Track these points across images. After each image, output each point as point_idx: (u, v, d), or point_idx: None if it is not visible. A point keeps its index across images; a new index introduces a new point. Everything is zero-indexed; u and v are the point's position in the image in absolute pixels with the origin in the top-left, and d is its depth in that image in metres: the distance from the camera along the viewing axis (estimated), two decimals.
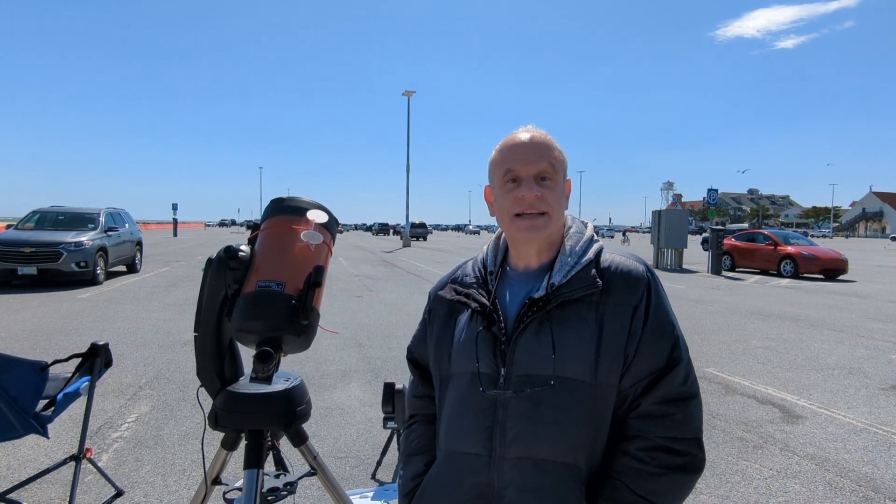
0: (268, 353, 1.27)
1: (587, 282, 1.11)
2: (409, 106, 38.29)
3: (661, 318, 1.13)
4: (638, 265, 1.17)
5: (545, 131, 1.20)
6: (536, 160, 1.14)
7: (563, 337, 1.09)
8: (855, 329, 8.57)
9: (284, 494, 1.66)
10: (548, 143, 1.17)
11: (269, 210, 1.49)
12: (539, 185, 1.14)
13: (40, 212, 13.51)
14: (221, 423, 1.46)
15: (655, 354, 1.11)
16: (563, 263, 1.15)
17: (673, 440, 1.09)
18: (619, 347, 1.09)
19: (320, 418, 4.33)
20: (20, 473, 3.32)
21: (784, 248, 18.04)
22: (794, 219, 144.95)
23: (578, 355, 1.08)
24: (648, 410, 1.10)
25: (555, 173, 1.16)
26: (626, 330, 1.10)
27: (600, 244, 1.20)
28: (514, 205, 1.14)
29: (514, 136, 1.19)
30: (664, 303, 1.15)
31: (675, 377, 1.11)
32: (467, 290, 1.22)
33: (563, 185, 1.18)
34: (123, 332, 7.34)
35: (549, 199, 1.14)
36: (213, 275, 1.41)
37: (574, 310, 1.11)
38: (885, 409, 4.84)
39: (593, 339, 1.09)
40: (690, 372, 1.14)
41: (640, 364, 1.10)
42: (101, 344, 2.85)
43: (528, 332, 1.11)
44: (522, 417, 1.09)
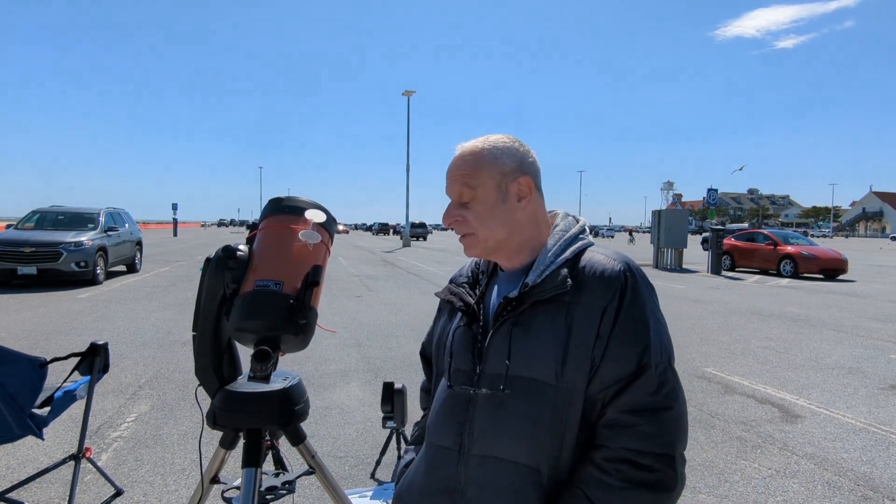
0: (265, 353, 1.27)
1: (556, 282, 1.09)
2: (409, 106, 38.30)
3: (632, 321, 1.07)
4: (615, 263, 1.11)
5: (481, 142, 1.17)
6: (452, 184, 1.16)
7: (530, 338, 1.08)
8: (854, 329, 8.57)
9: (283, 493, 1.66)
10: (470, 160, 1.16)
11: (268, 210, 1.50)
12: (458, 209, 1.16)
13: (40, 212, 13.51)
14: (219, 422, 1.46)
15: (623, 359, 1.05)
16: (540, 263, 1.14)
17: (637, 453, 1.02)
18: (586, 350, 1.05)
19: (320, 418, 4.34)
20: (20, 473, 3.32)
21: (784, 247, 18.04)
22: (794, 218, 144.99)
23: (544, 357, 1.06)
24: (615, 419, 1.05)
25: (472, 192, 1.14)
26: (594, 331, 1.06)
27: (584, 242, 1.17)
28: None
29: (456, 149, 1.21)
30: (641, 304, 1.09)
31: (645, 385, 1.05)
32: (458, 290, 1.25)
33: (495, 194, 1.14)
34: (123, 331, 7.35)
35: (471, 219, 1.15)
36: (211, 274, 1.41)
37: (545, 310, 1.09)
38: (885, 408, 4.84)
39: (560, 341, 1.06)
40: (667, 382, 1.06)
41: (607, 368, 1.05)
42: (101, 343, 2.85)
43: (500, 332, 1.11)
44: (486, 416, 1.10)
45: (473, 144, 1.18)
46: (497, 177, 1.15)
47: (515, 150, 1.18)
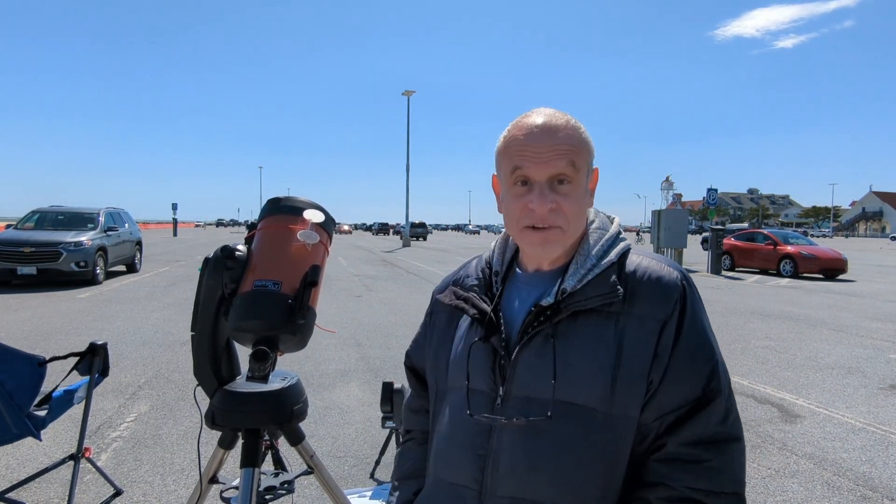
0: (264, 353, 1.28)
1: (605, 289, 0.92)
2: (409, 106, 38.30)
3: (697, 338, 0.92)
4: (671, 270, 0.96)
5: (568, 116, 0.97)
6: (552, 159, 0.92)
7: (572, 355, 0.91)
8: (854, 329, 8.57)
9: (282, 493, 1.67)
10: (568, 132, 0.94)
11: (266, 210, 1.50)
12: (553, 192, 0.92)
13: (40, 211, 13.51)
14: (218, 421, 1.46)
15: (687, 382, 0.90)
16: (580, 266, 0.96)
17: (707, 494, 0.86)
18: (641, 370, 0.89)
19: (319, 418, 4.34)
20: (19, 473, 3.32)
21: (784, 247, 18.04)
22: (794, 218, 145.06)
23: (590, 378, 0.89)
24: (676, 453, 0.88)
25: (575, 173, 0.93)
26: (651, 349, 0.89)
27: (626, 244, 1.00)
28: (524, 216, 0.94)
29: (525, 121, 0.96)
30: (701, 319, 0.94)
31: (713, 413, 0.89)
32: (467, 294, 1.05)
33: (585, 182, 0.97)
34: (123, 331, 7.35)
35: (567, 210, 0.93)
36: (209, 274, 1.41)
37: (588, 322, 0.92)
38: (884, 408, 4.84)
39: (609, 359, 0.89)
40: (732, 408, 0.92)
41: (668, 393, 0.89)
42: (100, 343, 2.85)
43: (531, 347, 0.93)
44: (518, 450, 0.91)
45: (564, 116, 0.96)
46: (590, 161, 0.98)
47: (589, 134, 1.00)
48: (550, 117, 0.95)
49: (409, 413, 1.22)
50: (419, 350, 1.19)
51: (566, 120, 0.95)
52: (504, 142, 0.98)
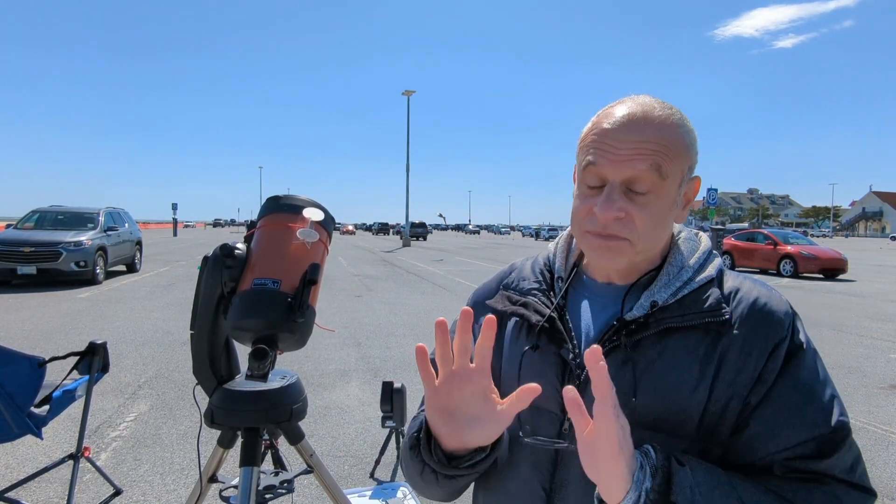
0: (263, 351, 1.27)
1: (706, 305, 0.80)
2: (409, 106, 38.30)
3: (814, 367, 0.79)
4: (780, 295, 0.84)
5: (670, 108, 0.81)
6: (632, 158, 0.77)
7: (661, 378, 0.78)
8: (854, 328, 8.57)
9: (282, 493, 1.67)
10: (663, 130, 0.79)
11: (265, 208, 1.50)
12: (625, 199, 0.78)
13: (40, 211, 13.50)
14: (217, 420, 1.46)
15: (808, 414, 0.75)
16: (673, 277, 0.84)
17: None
18: (741, 393, 0.77)
19: (319, 417, 4.34)
20: (18, 472, 3.32)
21: (784, 247, 18.04)
22: (794, 218, 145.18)
23: (681, 404, 0.77)
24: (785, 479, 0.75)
25: (660, 180, 0.78)
26: (756, 371, 0.77)
27: (721, 261, 0.89)
28: (588, 219, 0.81)
29: (614, 107, 0.82)
30: (817, 351, 0.81)
31: (841, 460, 0.74)
32: (525, 299, 0.91)
33: (675, 193, 0.81)
34: (123, 331, 7.35)
35: (639, 222, 0.78)
36: (209, 273, 1.41)
37: (681, 342, 0.79)
38: (884, 408, 4.84)
39: (706, 383, 0.77)
40: (860, 457, 0.77)
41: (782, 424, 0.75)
42: (100, 343, 2.85)
43: (609, 363, 0.74)
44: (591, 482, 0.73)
45: (663, 109, 0.81)
46: (685, 170, 0.82)
47: (695, 134, 0.85)
48: (644, 107, 0.80)
49: None
50: None
51: (666, 115, 0.80)
52: (588, 127, 0.84)
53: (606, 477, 0.68)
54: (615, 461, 0.67)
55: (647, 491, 0.68)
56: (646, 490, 0.68)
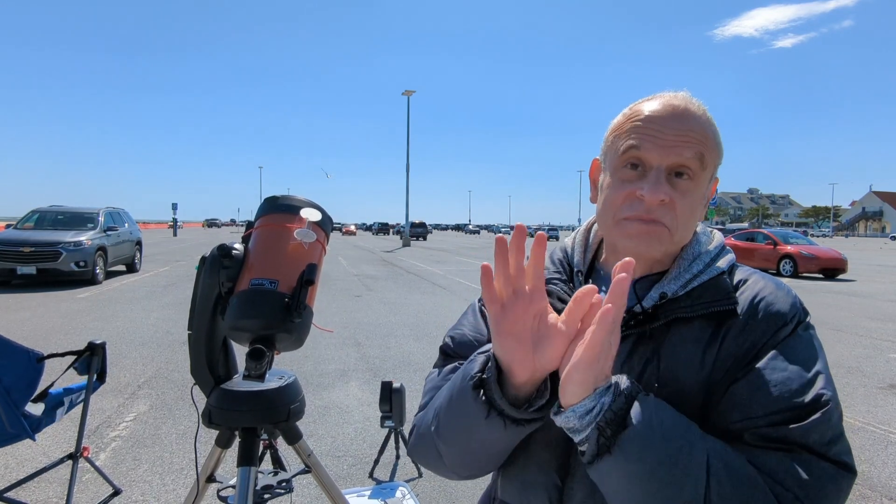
0: (260, 351, 1.28)
1: (717, 296, 0.81)
2: (409, 106, 38.31)
3: (805, 355, 0.78)
4: (785, 288, 0.84)
5: (706, 107, 0.85)
6: (678, 146, 0.79)
7: (667, 364, 0.81)
8: (854, 328, 8.57)
9: (280, 493, 1.67)
10: (703, 123, 0.82)
11: (263, 208, 1.50)
12: (670, 185, 0.80)
13: (39, 211, 13.51)
14: (215, 420, 1.46)
15: (786, 384, 0.75)
16: (683, 270, 0.85)
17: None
18: (730, 369, 0.78)
19: (318, 417, 4.34)
20: (18, 472, 3.32)
21: (783, 247, 18.05)
22: (794, 218, 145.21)
23: (686, 390, 0.79)
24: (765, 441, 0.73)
25: (700, 171, 0.81)
26: (753, 350, 0.78)
27: (733, 256, 0.89)
28: (626, 205, 0.82)
29: (656, 100, 0.84)
30: (818, 346, 0.82)
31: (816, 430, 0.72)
32: (548, 286, 0.90)
33: (706, 188, 0.85)
34: (122, 331, 7.35)
35: (679, 209, 0.80)
36: (206, 273, 1.41)
37: (687, 331, 0.81)
38: (883, 407, 4.84)
39: (706, 367, 0.79)
40: (842, 437, 0.75)
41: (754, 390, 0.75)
42: (99, 343, 2.85)
43: (618, 354, 0.79)
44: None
45: (700, 105, 0.84)
46: (716, 165, 0.85)
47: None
48: (685, 101, 0.83)
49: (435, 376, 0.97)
50: (471, 343, 0.98)
51: (703, 110, 0.84)
52: (623, 117, 0.86)
53: (573, 380, 0.68)
54: (588, 367, 0.67)
55: (603, 405, 0.68)
56: (602, 404, 0.68)
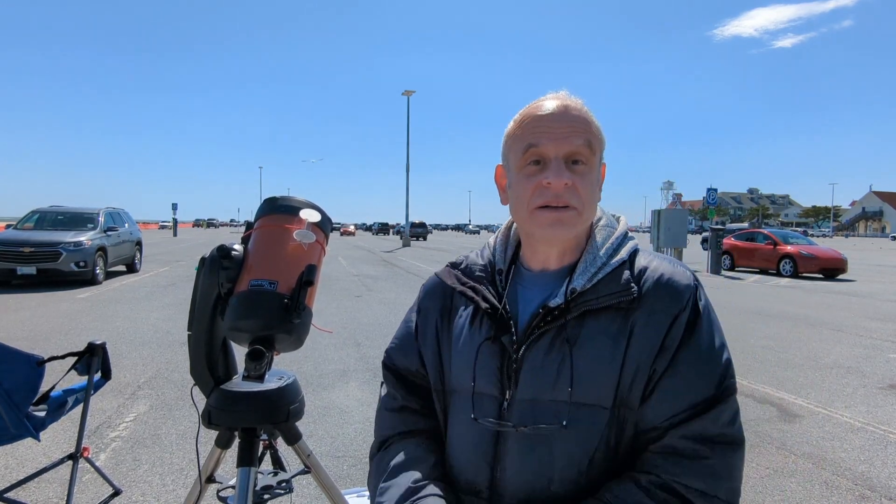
0: (259, 352, 1.28)
1: (618, 287, 0.89)
2: (408, 105, 38.34)
3: (709, 335, 0.89)
4: (683, 270, 0.93)
5: (582, 101, 0.95)
6: (569, 136, 0.89)
7: (581, 355, 0.88)
8: (853, 328, 8.57)
9: (280, 493, 1.67)
10: (585, 115, 0.93)
11: (262, 209, 1.50)
12: (570, 171, 0.90)
13: (39, 211, 13.52)
14: (214, 421, 1.47)
15: (700, 380, 0.86)
16: (589, 264, 0.93)
17: (700, 494, 0.83)
18: (646, 360, 0.87)
19: (318, 417, 4.34)
20: (18, 472, 3.32)
21: (783, 247, 18.05)
22: (794, 218, 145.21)
23: (598, 377, 0.87)
24: (674, 446, 0.85)
25: (591, 155, 0.91)
26: (658, 340, 0.87)
27: (635, 243, 0.98)
28: (536, 195, 0.90)
29: (542, 102, 0.94)
30: (715, 319, 0.92)
31: (724, 412, 0.86)
32: (475, 284, 0.99)
33: (598, 170, 0.94)
34: (122, 331, 7.35)
35: (581, 190, 0.90)
36: (205, 274, 1.41)
37: (598, 321, 0.89)
38: (883, 407, 4.84)
39: (618, 356, 0.87)
40: (738, 412, 0.89)
41: (678, 391, 0.86)
42: (99, 343, 2.85)
43: (537, 348, 0.90)
44: (526, 455, 0.89)
45: (579, 100, 0.95)
46: (602, 151, 0.95)
47: None
48: (567, 99, 0.94)
49: (388, 415, 1.09)
50: (404, 351, 1.10)
51: (581, 103, 0.95)
52: (516, 123, 0.96)
53: None
54: None
55: None
56: None
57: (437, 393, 1.04)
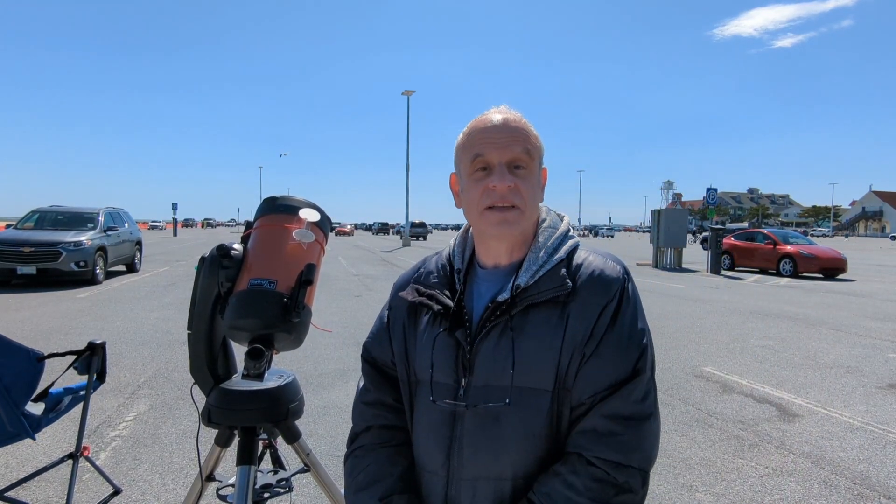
0: (259, 351, 1.28)
1: (556, 282, 1.01)
2: (408, 105, 38.35)
3: (630, 323, 1.01)
4: (614, 265, 1.05)
5: (521, 114, 1.08)
6: (510, 144, 1.02)
7: (526, 344, 0.99)
8: (853, 328, 8.57)
9: (279, 491, 1.67)
10: (523, 126, 1.06)
11: (262, 209, 1.51)
12: (512, 174, 1.02)
13: (39, 211, 13.52)
14: (214, 419, 1.47)
15: (618, 362, 0.98)
16: (532, 262, 1.04)
17: (614, 466, 0.95)
18: (578, 346, 0.99)
19: (318, 417, 4.35)
20: (18, 472, 3.33)
21: (783, 247, 18.05)
22: (794, 218, 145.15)
23: (540, 363, 0.99)
24: (594, 425, 0.97)
25: (530, 160, 1.04)
26: (589, 328, 0.99)
27: (575, 241, 1.09)
28: (484, 196, 1.02)
29: (485, 116, 1.07)
30: (637, 308, 1.04)
31: (634, 390, 0.98)
32: (430, 291, 1.11)
33: (538, 174, 1.07)
34: (122, 331, 7.35)
35: (523, 191, 1.02)
36: (205, 273, 1.42)
37: (540, 313, 1.01)
38: (882, 407, 4.85)
39: (556, 344, 0.99)
40: (652, 390, 1.01)
41: (601, 371, 0.98)
42: (99, 342, 2.85)
43: (489, 339, 1.01)
44: (479, 433, 1.00)
45: (517, 113, 1.08)
46: (541, 157, 1.09)
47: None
48: (507, 114, 1.06)
49: (363, 407, 1.18)
50: (379, 343, 1.20)
51: (519, 116, 1.07)
52: (464, 136, 1.08)
53: None
54: None
55: None
56: None
57: (403, 384, 1.14)
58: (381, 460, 1.11)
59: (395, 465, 1.10)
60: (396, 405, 1.15)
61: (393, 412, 1.15)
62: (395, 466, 1.10)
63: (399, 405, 1.15)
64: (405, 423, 1.14)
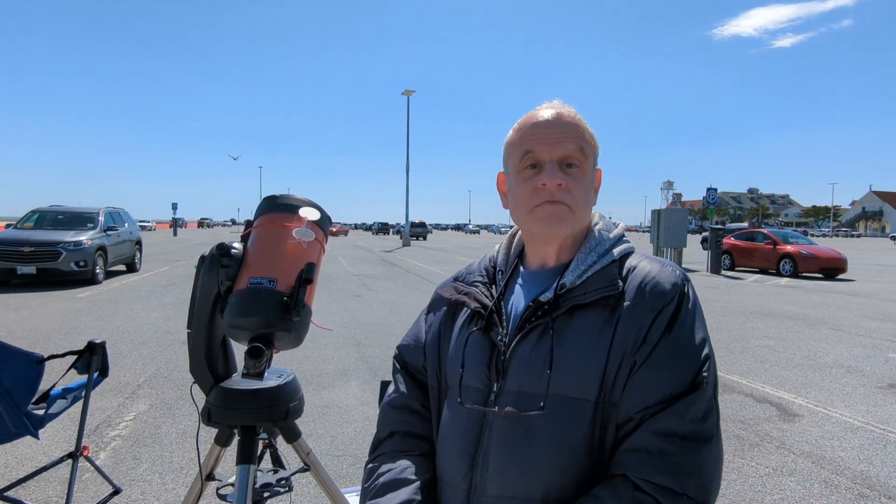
0: (259, 350, 1.28)
1: (604, 283, 0.92)
2: (408, 105, 38.36)
3: (690, 330, 0.90)
4: (673, 269, 0.96)
5: (575, 109, 1.02)
6: (562, 141, 0.95)
7: (568, 349, 0.90)
8: (853, 328, 8.57)
9: (279, 491, 1.67)
10: (577, 121, 0.99)
11: (262, 208, 1.50)
12: (563, 173, 0.95)
13: (39, 211, 13.52)
14: (214, 419, 1.47)
15: (674, 373, 0.86)
16: (580, 262, 0.97)
17: (665, 492, 0.81)
18: (629, 354, 0.88)
19: (318, 416, 4.34)
20: (18, 471, 3.33)
21: (783, 247, 18.05)
22: (794, 218, 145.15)
23: (583, 369, 0.88)
24: (643, 443, 0.84)
25: (584, 159, 0.97)
26: (642, 333, 0.88)
27: (630, 245, 1.02)
28: (534, 195, 0.95)
29: (536, 112, 1.00)
30: (698, 316, 0.93)
31: (692, 407, 0.85)
32: (469, 289, 1.06)
33: (592, 174, 1.00)
34: (122, 331, 7.35)
35: (575, 191, 0.95)
36: (205, 272, 1.42)
37: (586, 316, 0.92)
38: (882, 407, 4.84)
39: (603, 350, 0.88)
40: (714, 409, 0.88)
41: (652, 383, 0.86)
42: (99, 342, 2.84)
43: (527, 341, 0.93)
44: (508, 444, 0.90)
45: (572, 109, 1.01)
46: (596, 156, 1.02)
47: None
48: (561, 109, 1.00)
49: (389, 411, 1.12)
50: (412, 347, 1.16)
51: (574, 111, 1.01)
52: (514, 132, 1.02)
53: None
54: None
55: None
56: None
57: (433, 391, 1.08)
58: (401, 469, 1.02)
59: (414, 475, 1.01)
60: (424, 412, 1.09)
61: (419, 419, 1.09)
62: (415, 476, 1.00)
63: (426, 413, 1.09)
64: (430, 433, 1.07)
